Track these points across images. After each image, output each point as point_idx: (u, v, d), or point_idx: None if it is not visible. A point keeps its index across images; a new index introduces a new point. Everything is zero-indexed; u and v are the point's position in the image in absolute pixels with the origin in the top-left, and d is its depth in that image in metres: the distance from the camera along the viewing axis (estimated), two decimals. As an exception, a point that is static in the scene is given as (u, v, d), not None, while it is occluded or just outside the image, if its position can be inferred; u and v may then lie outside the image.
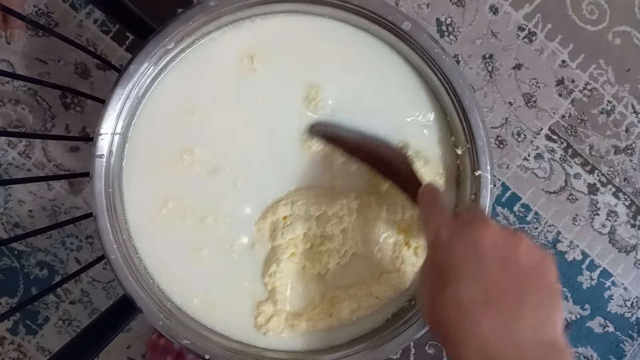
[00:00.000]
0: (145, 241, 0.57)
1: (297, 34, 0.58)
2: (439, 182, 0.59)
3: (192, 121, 0.57)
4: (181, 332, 0.54)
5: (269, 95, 0.58)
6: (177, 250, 0.57)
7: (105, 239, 0.52)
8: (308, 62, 0.58)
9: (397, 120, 0.59)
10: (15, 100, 0.94)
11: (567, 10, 1.00)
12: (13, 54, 0.93)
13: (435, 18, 0.99)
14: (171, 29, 0.52)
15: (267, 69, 0.57)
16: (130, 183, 0.56)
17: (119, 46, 0.95)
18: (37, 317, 0.97)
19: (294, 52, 0.58)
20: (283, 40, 0.58)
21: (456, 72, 0.55)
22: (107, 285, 0.97)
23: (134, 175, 0.56)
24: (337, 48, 0.58)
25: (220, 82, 0.57)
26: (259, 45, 0.57)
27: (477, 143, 0.56)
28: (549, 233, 1.03)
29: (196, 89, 0.57)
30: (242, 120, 0.57)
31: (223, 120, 0.57)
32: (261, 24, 0.57)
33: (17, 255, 0.96)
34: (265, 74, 0.57)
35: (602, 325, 1.05)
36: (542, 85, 1.01)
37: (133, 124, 0.55)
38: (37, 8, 0.93)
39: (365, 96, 0.58)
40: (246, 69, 0.57)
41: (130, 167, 0.56)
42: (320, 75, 0.58)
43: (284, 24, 0.57)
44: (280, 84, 0.58)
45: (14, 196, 0.95)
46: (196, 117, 0.56)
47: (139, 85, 0.53)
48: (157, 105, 0.56)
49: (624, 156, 1.02)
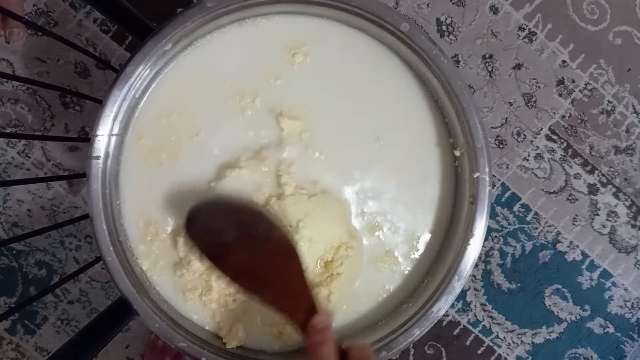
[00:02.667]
0: (142, 243, 0.56)
1: (295, 35, 0.57)
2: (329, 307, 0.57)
3: (191, 123, 0.56)
4: (177, 335, 0.54)
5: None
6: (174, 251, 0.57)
7: (102, 240, 0.52)
8: (306, 63, 0.58)
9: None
10: (15, 100, 0.94)
11: (567, 10, 1.00)
12: (12, 53, 0.93)
13: (436, 18, 0.99)
14: (168, 30, 0.52)
15: (266, 70, 0.57)
16: (127, 185, 0.56)
17: (119, 45, 0.95)
18: (36, 316, 0.97)
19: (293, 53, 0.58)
20: (282, 41, 0.57)
21: (455, 73, 0.55)
22: (106, 285, 0.97)
23: (130, 177, 0.56)
24: (336, 50, 0.58)
25: (218, 83, 0.57)
26: (257, 47, 0.57)
27: (475, 145, 0.55)
28: (549, 233, 1.02)
29: (194, 90, 0.56)
30: (239, 122, 0.57)
31: (221, 121, 0.57)
32: (259, 25, 0.57)
33: (15, 254, 0.95)
34: (263, 74, 0.57)
35: (603, 326, 1.05)
36: (542, 85, 1.00)
37: (130, 125, 0.55)
38: (37, 7, 0.93)
39: (363, 97, 0.58)
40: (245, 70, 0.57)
41: (127, 168, 0.56)
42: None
43: (282, 25, 0.57)
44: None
45: (12, 195, 0.95)
46: (194, 118, 0.56)
47: (136, 87, 0.53)
48: (155, 106, 0.56)
49: (624, 156, 1.02)
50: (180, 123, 0.57)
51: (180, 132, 0.57)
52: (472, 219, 0.56)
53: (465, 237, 0.57)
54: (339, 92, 0.59)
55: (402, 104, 0.60)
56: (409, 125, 0.60)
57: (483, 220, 0.56)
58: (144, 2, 0.93)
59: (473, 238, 0.56)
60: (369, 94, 0.59)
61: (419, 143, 0.60)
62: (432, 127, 0.60)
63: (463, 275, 0.57)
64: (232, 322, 0.57)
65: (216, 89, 0.57)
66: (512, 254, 1.02)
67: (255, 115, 0.58)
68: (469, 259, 0.57)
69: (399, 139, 0.60)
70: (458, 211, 0.60)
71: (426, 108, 0.60)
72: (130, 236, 0.56)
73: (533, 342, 1.04)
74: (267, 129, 0.58)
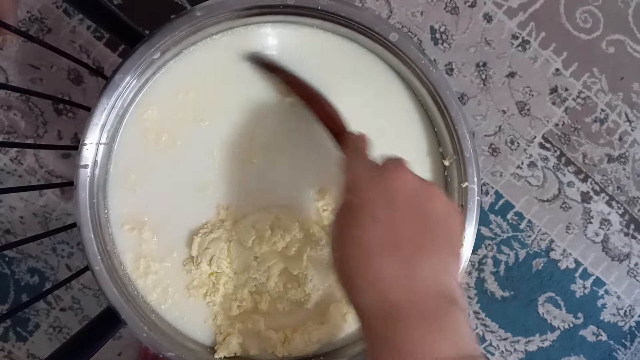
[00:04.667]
0: (130, 252, 0.56)
1: (285, 44, 0.57)
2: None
3: (179, 132, 0.56)
4: (165, 344, 0.53)
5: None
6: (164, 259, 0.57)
7: (89, 249, 0.52)
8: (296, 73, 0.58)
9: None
10: (7, 107, 0.94)
11: (560, 19, 1.00)
12: (5, 59, 0.93)
13: (429, 26, 0.99)
14: (157, 38, 0.52)
15: (255, 78, 0.57)
16: (115, 194, 0.56)
17: (112, 52, 0.95)
18: (28, 324, 0.96)
19: (282, 62, 0.57)
20: (271, 50, 0.57)
21: (444, 83, 0.55)
22: (98, 292, 0.97)
23: (118, 186, 0.56)
24: (326, 59, 0.58)
25: (207, 92, 0.57)
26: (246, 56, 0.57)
27: (464, 155, 0.55)
28: (542, 241, 1.02)
29: (182, 99, 0.56)
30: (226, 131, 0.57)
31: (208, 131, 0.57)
32: (248, 35, 0.57)
33: (7, 262, 0.95)
34: (253, 84, 0.57)
35: (595, 333, 1.05)
36: (536, 94, 1.00)
37: (118, 134, 0.55)
38: (31, 14, 0.93)
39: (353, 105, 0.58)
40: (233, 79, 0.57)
41: (115, 177, 0.56)
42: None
43: (272, 35, 0.57)
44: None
45: (5, 202, 0.95)
46: (182, 128, 0.56)
47: (125, 95, 0.53)
48: (143, 115, 0.56)
49: (617, 164, 1.02)
50: (169, 132, 0.57)
51: (167, 141, 0.57)
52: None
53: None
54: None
55: (393, 113, 0.60)
56: (399, 135, 0.60)
57: (472, 229, 0.56)
58: (135, 10, 0.93)
59: (461, 247, 0.56)
60: (359, 103, 0.59)
61: (410, 152, 0.60)
62: (423, 136, 0.60)
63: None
64: (231, 326, 0.57)
65: (204, 98, 0.57)
66: (506, 261, 1.02)
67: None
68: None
69: (390, 148, 0.59)
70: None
71: (417, 117, 0.60)
72: (118, 245, 0.56)
73: (526, 350, 1.04)
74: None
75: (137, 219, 0.56)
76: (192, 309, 0.57)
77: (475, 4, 0.99)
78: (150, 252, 0.56)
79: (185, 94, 0.56)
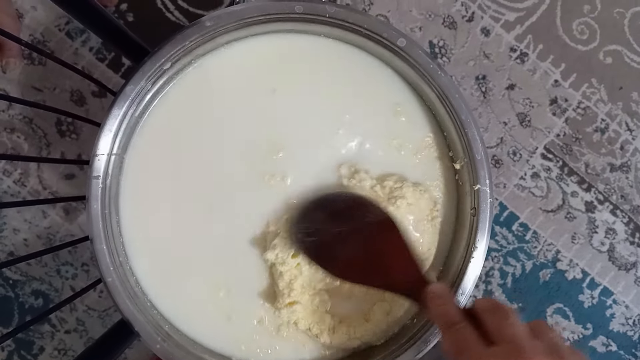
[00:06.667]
0: (142, 263, 0.56)
1: (294, 53, 0.58)
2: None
3: (190, 142, 0.56)
4: (179, 355, 0.53)
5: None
6: (174, 271, 0.56)
7: (102, 261, 0.52)
8: (305, 81, 0.58)
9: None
10: (11, 129, 0.94)
11: (557, 31, 1.01)
12: (9, 82, 0.94)
13: (428, 41, 1.00)
14: (167, 49, 0.53)
15: (265, 88, 0.58)
16: (127, 205, 0.55)
17: (115, 73, 0.95)
18: (32, 347, 0.95)
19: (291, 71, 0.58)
20: (280, 60, 0.58)
21: (452, 87, 0.55)
22: (103, 313, 0.95)
23: (130, 197, 0.55)
24: (334, 67, 0.59)
25: (218, 102, 0.57)
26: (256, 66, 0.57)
27: (475, 157, 0.56)
28: (548, 252, 1.02)
29: (193, 110, 0.57)
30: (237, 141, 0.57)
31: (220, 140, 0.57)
32: (258, 44, 0.57)
33: (11, 284, 0.94)
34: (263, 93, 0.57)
35: (605, 344, 1.04)
36: (536, 105, 1.01)
37: (130, 144, 0.55)
38: (33, 37, 0.94)
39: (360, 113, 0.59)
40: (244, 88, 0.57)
41: (127, 188, 0.55)
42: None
43: (281, 44, 0.58)
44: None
45: (8, 224, 0.94)
46: (194, 138, 0.56)
47: (136, 106, 0.53)
48: (154, 126, 0.56)
49: (619, 173, 1.03)
50: (180, 142, 0.57)
51: (179, 151, 0.57)
52: (474, 232, 0.56)
53: (468, 250, 0.56)
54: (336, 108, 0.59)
55: (402, 119, 0.60)
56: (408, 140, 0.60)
57: (485, 232, 0.56)
58: (140, 28, 0.94)
59: (476, 251, 0.56)
60: (367, 109, 0.59)
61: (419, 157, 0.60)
62: (432, 140, 0.60)
63: (466, 290, 0.56)
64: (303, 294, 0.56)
65: (215, 107, 0.57)
66: (513, 273, 1.02)
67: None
68: (471, 274, 0.56)
69: (398, 154, 0.60)
70: (460, 225, 0.59)
71: (425, 122, 0.60)
72: (130, 256, 0.55)
73: (537, 362, 1.03)
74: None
75: (149, 229, 0.56)
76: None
77: (472, 19, 1.00)
78: (165, 262, 0.56)
79: (196, 104, 0.56)
